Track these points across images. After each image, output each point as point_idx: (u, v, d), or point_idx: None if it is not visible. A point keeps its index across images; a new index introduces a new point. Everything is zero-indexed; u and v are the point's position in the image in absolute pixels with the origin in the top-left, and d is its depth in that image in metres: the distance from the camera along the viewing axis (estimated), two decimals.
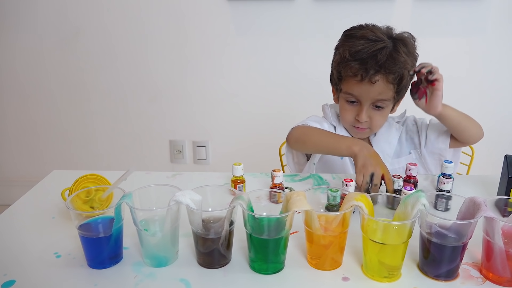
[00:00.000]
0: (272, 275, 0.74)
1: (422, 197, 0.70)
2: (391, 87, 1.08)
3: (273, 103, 2.16)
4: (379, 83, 1.07)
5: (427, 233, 0.72)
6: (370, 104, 1.11)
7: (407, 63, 1.07)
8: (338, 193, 0.85)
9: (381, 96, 1.09)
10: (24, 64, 2.19)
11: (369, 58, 1.05)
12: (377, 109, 1.13)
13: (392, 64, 1.05)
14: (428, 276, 0.73)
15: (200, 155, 2.32)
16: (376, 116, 1.13)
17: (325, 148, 1.08)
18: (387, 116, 1.17)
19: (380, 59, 1.04)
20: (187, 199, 0.72)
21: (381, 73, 1.05)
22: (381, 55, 1.04)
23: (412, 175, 0.99)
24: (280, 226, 0.73)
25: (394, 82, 1.07)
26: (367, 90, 1.08)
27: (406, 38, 1.11)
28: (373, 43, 1.06)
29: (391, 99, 1.12)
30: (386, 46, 1.06)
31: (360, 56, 1.06)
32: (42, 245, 0.82)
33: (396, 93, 1.11)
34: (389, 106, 1.14)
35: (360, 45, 1.06)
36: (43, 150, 2.36)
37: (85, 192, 0.83)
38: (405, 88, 1.13)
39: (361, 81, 1.07)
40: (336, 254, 0.75)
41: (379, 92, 1.08)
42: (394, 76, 1.06)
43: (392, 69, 1.05)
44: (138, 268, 0.76)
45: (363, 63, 1.05)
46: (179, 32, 2.09)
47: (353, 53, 1.07)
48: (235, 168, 1.01)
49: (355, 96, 1.12)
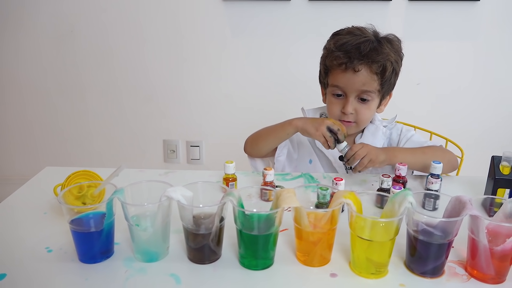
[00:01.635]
0: (261, 271, 0.75)
1: (409, 196, 0.71)
2: (374, 77, 1.11)
3: (267, 104, 2.17)
4: (363, 73, 1.10)
5: (413, 231, 0.73)
6: (355, 96, 1.14)
7: (390, 56, 1.11)
8: (328, 191, 0.86)
9: (366, 87, 1.12)
10: (20, 62, 2.19)
11: (353, 49, 1.10)
12: (362, 102, 1.15)
13: (375, 54, 1.09)
14: (415, 273, 0.75)
15: (193, 155, 2.32)
16: (362, 109, 1.15)
17: (274, 137, 1.18)
18: (373, 110, 1.18)
19: (364, 49, 1.09)
20: (178, 195, 0.73)
21: (364, 62, 1.09)
22: (365, 46, 1.09)
23: (402, 175, 1.00)
24: (270, 222, 0.74)
25: (377, 72, 1.11)
26: (352, 80, 1.11)
27: (390, 37, 1.16)
28: (358, 37, 1.12)
29: (375, 92, 1.14)
30: (370, 40, 1.12)
31: (345, 48, 1.11)
32: (34, 239, 0.83)
33: (381, 86, 1.13)
34: (375, 100, 1.16)
35: (345, 39, 1.13)
36: (37, 148, 2.36)
37: (77, 188, 0.84)
38: (390, 82, 1.15)
39: (345, 70, 1.11)
40: (324, 250, 0.76)
41: (363, 82, 1.11)
42: (377, 65, 1.10)
43: (375, 58, 1.09)
44: (129, 263, 0.76)
45: (347, 53, 1.10)
46: (174, 32, 2.10)
47: (339, 46, 1.12)
48: (227, 166, 1.02)
49: (340, 88, 1.15)
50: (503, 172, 0.96)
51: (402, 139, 1.25)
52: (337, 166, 1.23)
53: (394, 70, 1.14)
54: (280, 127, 1.17)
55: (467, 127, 2.15)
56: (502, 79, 2.07)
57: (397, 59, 1.14)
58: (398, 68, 1.16)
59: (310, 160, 1.26)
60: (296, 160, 1.27)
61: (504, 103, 2.11)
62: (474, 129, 2.15)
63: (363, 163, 1.04)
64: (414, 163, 1.11)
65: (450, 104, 2.12)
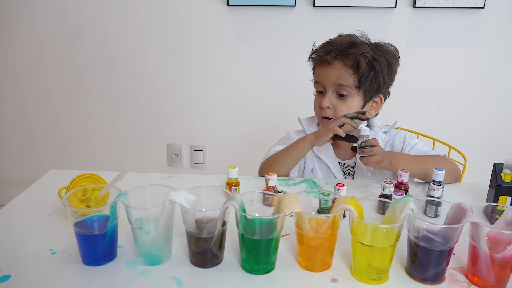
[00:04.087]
0: (263, 275, 0.76)
1: (410, 202, 0.72)
2: (349, 71, 1.14)
3: (271, 108, 2.18)
4: (337, 66, 1.15)
5: (414, 237, 0.73)
6: (333, 90, 1.18)
7: (366, 52, 1.14)
8: (330, 197, 0.87)
9: (340, 81, 1.15)
10: (24, 65, 2.22)
11: (332, 46, 1.17)
12: (340, 98, 1.17)
13: (350, 48, 1.14)
14: (415, 279, 0.75)
15: (197, 159, 2.33)
16: (340, 105, 1.17)
17: (291, 157, 1.19)
18: (352, 109, 1.18)
19: (340, 45, 1.15)
20: (181, 199, 0.74)
21: (338, 56, 1.14)
22: (342, 42, 1.16)
23: (404, 181, 1.01)
24: (272, 227, 0.74)
25: (351, 66, 1.14)
26: (327, 73, 1.17)
27: (380, 42, 1.20)
28: (342, 37, 1.19)
29: (352, 87, 1.15)
30: (351, 39, 1.17)
31: (327, 47, 1.18)
32: (38, 241, 0.84)
33: (358, 82, 1.15)
34: (354, 98, 1.17)
35: (331, 40, 1.21)
36: (41, 151, 2.38)
37: (81, 191, 0.85)
38: (370, 81, 1.16)
39: (322, 64, 1.18)
40: (325, 256, 0.77)
41: (337, 75, 1.15)
42: (350, 58, 1.13)
43: (348, 52, 1.14)
44: (131, 265, 0.77)
45: (326, 49, 1.18)
46: (178, 37, 2.11)
47: (323, 45, 1.21)
48: (229, 171, 1.03)
49: (320, 83, 1.20)
50: (504, 179, 0.96)
51: (406, 147, 1.24)
52: (336, 172, 1.24)
53: (374, 68, 1.14)
54: (295, 146, 1.18)
55: (470, 134, 2.14)
56: (505, 87, 2.07)
57: (377, 58, 1.15)
58: (382, 69, 1.16)
59: (311, 169, 1.27)
60: (301, 171, 1.29)
61: (506, 111, 2.11)
62: (477, 136, 2.15)
63: (370, 160, 1.05)
64: (415, 171, 1.11)
65: (453, 111, 2.12)
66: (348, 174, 1.25)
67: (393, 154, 1.12)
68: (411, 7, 1.97)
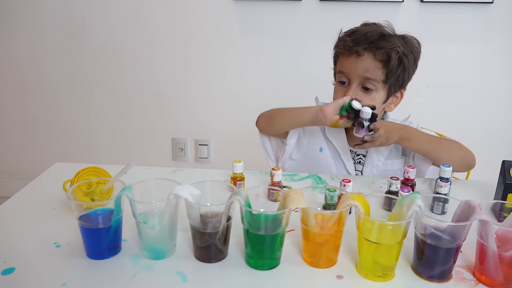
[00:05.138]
0: (267, 271, 0.75)
1: (417, 199, 0.71)
2: (379, 65, 1.10)
3: (276, 103, 2.15)
4: (366, 58, 1.11)
5: (421, 234, 0.73)
6: (358, 83, 1.13)
7: (398, 46, 1.10)
8: (335, 192, 0.86)
9: (369, 74, 1.11)
10: (28, 58, 2.21)
11: (360, 35, 1.12)
12: (366, 92, 1.14)
13: (381, 41, 1.10)
14: (422, 277, 0.74)
15: (202, 154, 2.33)
16: (364, 99, 1.13)
17: (290, 120, 1.18)
18: (377, 103, 1.14)
19: (370, 36, 1.10)
20: (186, 193, 0.73)
21: (369, 48, 1.10)
22: (372, 33, 1.11)
23: (410, 177, 1.00)
24: (277, 222, 0.74)
25: (381, 60, 1.10)
26: (355, 64, 1.12)
27: (406, 34, 1.16)
28: (370, 27, 1.14)
29: (379, 81, 1.12)
30: (380, 30, 1.13)
31: (355, 36, 1.13)
32: (42, 234, 0.83)
33: (386, 77, 1.12)
34: (379, 92, 1.14)
35: (357, 28, 1.16)
36: (44, 145, 2.38)
37: (86, 184, 0.84)
38: (397, 76, 1.13)
39: (349, 55, 1.13)
40: (331, 252, 0.76)
41: (366, 68, 1.11)
42: (381, 52, 1.09)
43: (379, 45, 1.09)
44: (136, 260, 0.77)
45: (354, 39, 1.12)
46: (184, 31, 2.10)
47: (349, 33, 1.16)
48: (234, 166, 1.02)
49: (345, 74, 1.15)
50: None
51: None
52: (345, 159, 1.22)
53: (403, 64, 1.12)
54: (298, 111, 1.16)
55: (477, 130, 2.12)
56: None
57: (407, 54, 1.12)
58: (409, 65, 1.14)
59: (320, 148, 1.24)
60: (305, 146, 1.25)
61: None
62: (484, 133, 2.13)
63: (372, 145, 1.07)
64: (427, 151, 1.10)
65: (461, 107, 2.10)
66: (359, 163, 1.23)
67: (405, 129, 1.11)
68: (419, 2, 1.94)
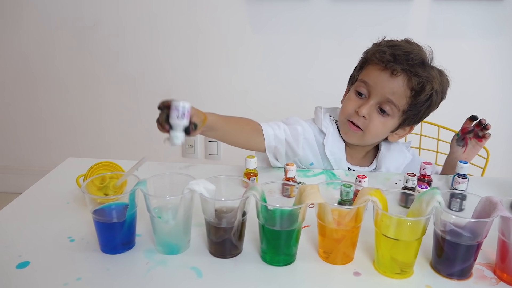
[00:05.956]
0: (283, 267, 0.74)
1: (437, 194, 0.69)
2: (408, 93, 1.03)
3: (285, 101, 2.16)
4: (399, 80, 1.02)
5: (441, 231, 0.71)
6: (377, 101, 1.05)
7: (435, 81, 1.03)
8: (351, 188, 0.85)
9: (393, 97, 1.03)
10: (38, 54, 2.22)
11: (402, 53, 1.02)
12: (381, 114, 1.06)
13: (421, 70, 1.02)
14: (441, 274, 0.72)
15: (211, 151, 2.32)
16: (376, 120, 1.06)
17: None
18: (386, 129, 1.09)
19: (412, 59, 1.01)
20: (201, 188, 0.72)
21: (406, 70, 1.01)
22: (415, 56, 1.02)
23: (427, 174, 0.98)
24: (293, 218, 0.72)
25: (414, 89, 1.02)
26: (384, 81, 1.03)
27: (443, 70, 1.09)
28: (413, 47, 1.05)
29: (399, 110, 1.05)
30: (422, 56, 1.03)
31: (395, 49, 1.03)
32: (56, 229, 0.83)
33: (408, 108, 1.05)
34: (393, 120, 1.07)
35: (398, 42, 1.06)
36: (54, 141, 2.39)
37: (99, 179, 0.84)
38: (419, 111, 1.07)
39: (383, 69, 1.03)
40: (348, 248, 0.75)
41: (394, 90, 1.03)
42: (418, 81, 1.01)
43: (418, 72, 1.01)
44: (150, 254, 0.76)
45: (395, 54, 1.02)
46: (194, 28, 2.09)
47: (390, 45, 1.05)
48: (248, 161, 1.01)
49: (367, 86, 1.06)
50: None
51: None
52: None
53: (431, 100, 1.04)
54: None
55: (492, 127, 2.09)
56: None
57: (438, 92, 1.05)
58: (435, 104, 1.07)
59: (311, 163, 1.16)
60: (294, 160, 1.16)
61: None
62: (498, 129, 2.09)
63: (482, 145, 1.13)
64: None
65: (474, 103, 2.07)
66: None
67: None
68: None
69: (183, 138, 0.81)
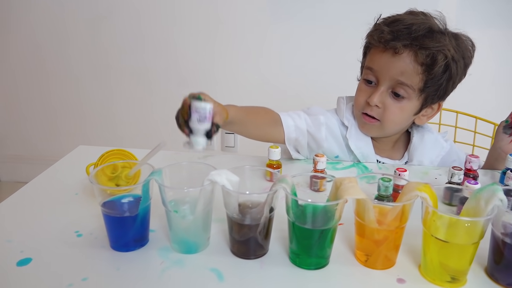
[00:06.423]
0: (315, 270, 0.65)
1: (498, 191, 0.59)
2: (418, 69, 0.90)
3: (304, 91, 2.07)
4: (404, 58, 0.90)
5: (501, 234, 0.61)
6: (388, 86, 0.94)
7: (448, 49, 0.89)
8: (390, 183, 0.75)
9: (403, 78, 0.91)
10: (51, 43, 2.17)
11: (402, 27, 0.90)
12: (395, 98, 0.95)
13: (428, 40, 0.88)
14: (499, 283, 0.63)
15: (228, 142, 2.25)
16: (392, 107, 0.95)
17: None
18: (406, 114, 0.97)
19: (416, 30, 0.88)
20: (224, 179, 0.64)
21: (410, 45, 0.89)
22: (418, 27, 0.89)
23: (473, 168, 0.88)
24: (328, 215, 0.63)
25: (424, 63, 0.89)
26: (389, 63, 0.92)
27: (460, 34, 0.94)
28: (417, 17, 0.92)
29: (415, 90, 0.92)
30: (428, 24, 0.90)
31: (394, 25, 0.91)
32: (63, 222, 0.76)
33: (424, 85, 0.92)
34: (412, 102, 0.95)
35: (400, 17, 0.94)
36: (66, 130, 2.34)
37: (110, 168, 0.76)
38: (439, 85, 0.93)
39: (384, 50, 0.92)
40: (390, 251, 0.65)
41: (401, 70, 0.91)
42: (426, 53, 0.88)
43: (425, 43, 0.88)
44: (165, 253, 0.68)
45: (394, 30, 0.90)
46: (212, 17, 2.03)
47: (389, 22, 0.94)
48: (271, 152, 0.92)
49: (373, 72, 0.96)
50: None
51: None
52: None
53: (449, 71, 0.91)
54: None
55: None
56: None
57: (456, 59, 0.91)
58: (457, 73, 0.92)
59: (337, 155, 1.07)
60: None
61: None
62: None
63: None
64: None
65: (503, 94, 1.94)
66: None
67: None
68: None
69: (205, 144, 0.73)
